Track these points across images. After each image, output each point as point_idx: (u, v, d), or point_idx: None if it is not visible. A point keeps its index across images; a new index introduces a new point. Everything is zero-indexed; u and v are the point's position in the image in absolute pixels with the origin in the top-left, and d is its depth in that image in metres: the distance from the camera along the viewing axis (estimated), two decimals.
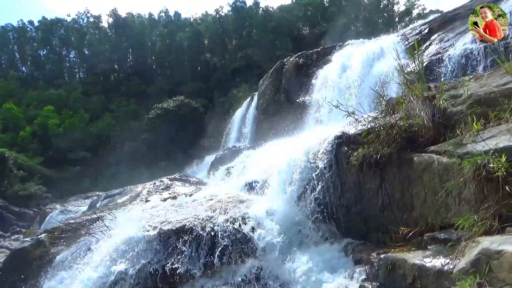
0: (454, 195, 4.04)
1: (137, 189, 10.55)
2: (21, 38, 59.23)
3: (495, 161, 3.44)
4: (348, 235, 5.79)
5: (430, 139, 4.71)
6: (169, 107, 37.04)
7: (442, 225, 4.25)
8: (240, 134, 25.10)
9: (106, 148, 38.83)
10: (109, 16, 59.76)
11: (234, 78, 43.84)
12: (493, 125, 4.19)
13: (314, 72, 17.47)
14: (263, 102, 22.64)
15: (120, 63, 59.18)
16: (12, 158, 30.91)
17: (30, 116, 42.81)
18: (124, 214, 7.09)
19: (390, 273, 4.17)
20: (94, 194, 20.41)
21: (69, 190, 29.55)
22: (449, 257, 3.61)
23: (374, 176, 5.28)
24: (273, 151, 9.76)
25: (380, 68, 12.46)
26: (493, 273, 2.90)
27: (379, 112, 5.87)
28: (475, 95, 4.67)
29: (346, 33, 38.03)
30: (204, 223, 5.71)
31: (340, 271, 4.96)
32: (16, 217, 23.07)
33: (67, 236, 7.50)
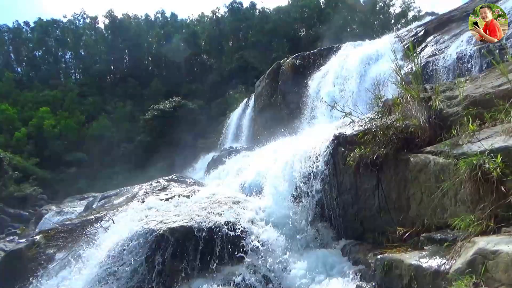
0: (450, 196, 4.06)
1: (134, 190, 10.50)
2: (17, 39, 59.03)
3: (490, 161, 3.46)
4: (345, 236, 5.80)
5: (426, 140, 4.74)
6: (165, 108, 37.03)
7: (438, 226, 4.26)
8: (237, 135, 25.12)
9: (102, 149, 38.75)
10: (105, 17, 59.83)
11: (231, 80, 43.85)
12: (489, 126, 4.22)
13: (311, 73, 17.52)
14: (259, 104, 22.67)
15: (116, 64, 59.10)
16: (7, 159, 30.76)
17: (25, 117, 42.63)
18: (121, 215, 7.06)
19: (387, 273, 4.18)
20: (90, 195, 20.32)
21: (64, 191, 29.44)
22: (445, 258, 3.62)
23: (371, 176, 5.30)
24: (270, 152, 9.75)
25: (376, 70, 12.52)
26: (489, 273, 2.91)
27: (375, 113, 5.89)
28: (470, 96, 4.70)
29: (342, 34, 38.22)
30: (201, 223, 5.70)
31: (337, 272, 4.97)
32: (11, 219, 22.93)
33: (63, 237, 7.46)
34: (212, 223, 5.74)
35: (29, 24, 60.17)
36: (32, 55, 59.97)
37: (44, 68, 58.72)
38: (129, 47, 58.00)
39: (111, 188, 16.43)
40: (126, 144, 39.56)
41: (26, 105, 45.85)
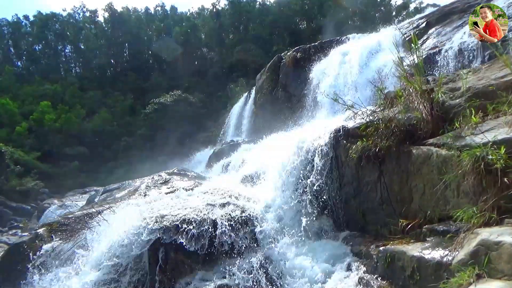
0: (453, 188, 4.06)
1: (136, 184, 10.52)
2: (16, 33, 58.72)
3: (493, 153, 3.45)
4: (347, 228, 5.81)
5: (429, 132, 4.73)
6: (166, 102, 37.04)
7: (441, 217, 4.27)
8: (238, 129, 25.09)
9: (103, 143, 38.80)
10: (105, 10, 59.40)
11: (231, 73, 43.74)
12: (492, 117, 4.20)
13: (312, 66, 17.45)
14: (260, 97, 22.62)
15: (117, 58, 58.92)
16: (9, 153, 30.83)
17: (26, 111, 42.54)
18: (123, 208, 7.08)
19: (389, 265, 4.20)
20: (92, 189, 20.42)
21: (66, 185, 29.57)
22: (448, 249, 3.64)
23: (373, 169, 5.30)
24: (271, 145, 9.76)
25: (378, 62, 12.47)
26: (492, 264, 2.92)
27: (377, 105, 5.88)
28: (473, 88, 4.69)
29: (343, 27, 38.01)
30: (203, 216, 5.72)
31: (340, 264, 4.99)
32: (14, 213, 23.03)
33: (66, 230, 7.49)
34: (215, 215, 5.76)
35: (29, 18, 59.94)
36: (32, 49, 59.70)
37: (44, 62, 58.55)
38: (129, 41, 57.81)
39: (112, 181, 16.45)
40: (127, 138, 39.59)
41: (26, 99, 45.76)
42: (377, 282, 4.30)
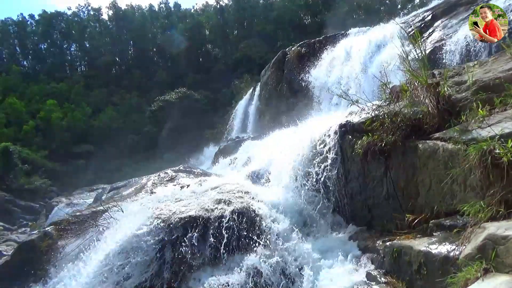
0: (460, 182, 4.03)
1: (142, 181, 10.57)
2: (22, 32, 59.22)
3: (501, 146, 3.41)
4: (353, 224, 5.82)
5: (435, 126, 4.68)
6: (171, 99, 37.12)
7: (448, 212, 4.25)
8: (243, 125, 25.09)
9: (109, 141, 39.00)
10: (109, 8, 59.64)
11: (236, 69, 43.63)
12: (499, 111, 4.15)
13: (317, 61, 17.37)
14: (265, 93, 22.58)
15: (121, 56, 59.10)
16: (17, 152, 31.11)
17: (33, 110, 42.97)
18: (131, 206, 7.13)
19: (396, 260, 4.19)
20: (99, 187, 20.57)
21: (73, 183, 29.80)
22: (454, 244, 3.61)
23: (379, 164, 5.28)
24: (277, 141, 9.74)
25: (383, 57, 12.38)
26: (499, 258, 2.90)
27: (383, 100, 5.85)
28: (480, 81, 4.64)
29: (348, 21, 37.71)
30: (210, 213, 5.75)
31: (346, 259, 4.98)
32: (22, 211, 23.32)
33: (74, 228, 7.56)
34: (221, 212, 5.78)
35: (34, 17, 60.47)
36: (38, 48, 60.18)
37: (50, 61, 58.88)
38: (133, 38, 58.04)
39: (119, 179, 16.57)
40: (133, 135, 39.80)
41: (33, 98, 46.15)
42: (384, 277, 4.30)
